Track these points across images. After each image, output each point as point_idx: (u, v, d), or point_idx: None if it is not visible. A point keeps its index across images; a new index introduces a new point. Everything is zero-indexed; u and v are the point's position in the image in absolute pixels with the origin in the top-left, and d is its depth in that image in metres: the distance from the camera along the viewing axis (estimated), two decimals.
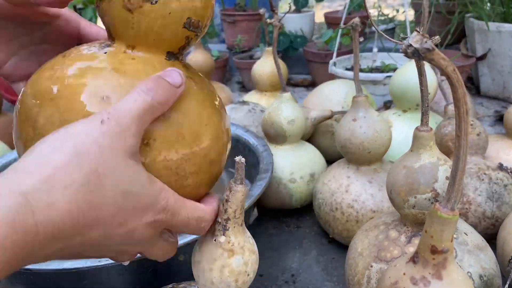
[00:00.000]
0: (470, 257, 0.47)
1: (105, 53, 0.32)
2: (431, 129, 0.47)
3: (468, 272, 0.46)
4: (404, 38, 0.26)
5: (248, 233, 0.35)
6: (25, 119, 0.31)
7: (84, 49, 0.32)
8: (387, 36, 0.39)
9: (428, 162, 0.46)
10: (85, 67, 0.31)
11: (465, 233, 0.49)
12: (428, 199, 0.46)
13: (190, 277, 0.52)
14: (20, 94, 0.33)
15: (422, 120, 0.48)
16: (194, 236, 0.52)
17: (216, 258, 0.33)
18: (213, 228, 0.34)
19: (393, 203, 0.50)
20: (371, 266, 0.49)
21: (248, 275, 0.34)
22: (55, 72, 0.31)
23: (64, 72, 0.30)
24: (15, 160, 0.76)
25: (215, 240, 0.33)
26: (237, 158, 0.33)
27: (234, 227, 0.33)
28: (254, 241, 0.36)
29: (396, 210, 0.51)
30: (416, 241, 0.48)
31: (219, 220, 0.34)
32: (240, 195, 0.33)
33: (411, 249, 0.47)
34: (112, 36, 0.33)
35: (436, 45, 0.28)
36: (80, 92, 0.29)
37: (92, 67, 0.30)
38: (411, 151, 0.48)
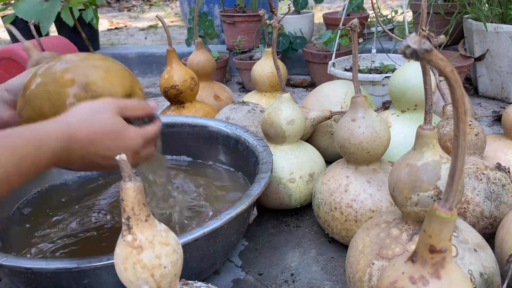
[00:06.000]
0: (471, 255, 0.47)
1: None
2: (434, 127, 0.47)
3: (469, 270, 0.46)
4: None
5: (161, 226, 0.35)
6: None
7: None
8: (394, 35, 0.39)
9: (431, 160, 0.46)
10: None
11: (465, 231, 0.50)
12: (431, 197, 0.46)
13: (190, 276, 0.52)
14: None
15: (425, 119, 0.48)
16: (194, 236, 0.52)
17: (127, 257, 0.34)
18: (122, 229, 0.34)
19: (395, 201, 0.50)
20: (373, 264, 0.50)
21: (164, 267, 0.34)
22: None
23: None
24: None
25: (124, 241, 0.34)
26: (117, 157, 0.33)
27: (138, 224, 0.34)
28: (170, 233, 0.35)
29: (398, 208, 0.51)
30: (417, 239, 0.48)
31: (123, 220, 0.34)
32: (131, 191, 0.33)
33: (413, 247, 0.47)
34: None
35: (435, 46, 0.29)
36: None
37: None
38: (414, 149, 0.48)
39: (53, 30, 1.96)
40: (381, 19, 1.80)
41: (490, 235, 0.63)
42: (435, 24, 1.40)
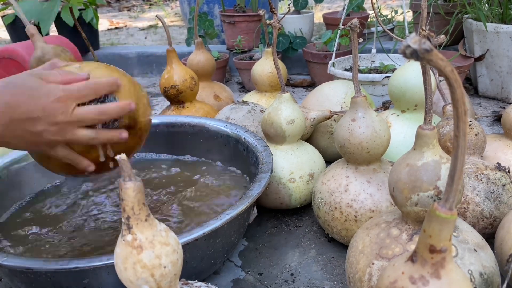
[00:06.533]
0: (471, 255, 0.47)
1: None
2: (434, 127, 0.47)
3: (469, 270, 0.46)
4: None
5: (161, 226, 0.35)
6: None
7: None
8: (394, 35, 0.39)
9: (431, 160, 0.46)
10: None
11: (465, 231, 0.50)
12: (431, 197, 0.46)
13: (190, 276, 0.52)
14: None
15: (425, 119, 0.48)
16: (194, 236, 0.52)
17: (127, 256, 0.34)
18: (122, 228, 0.35)
19: (395, 201, 0.50)
20: (373, 264, 0.50)
21: (164, 267, 0.34)
22: None
23: None
24: (16, 159, 0.76)
25: (124, 240, 0.34)
26: (118, 157, 0.33)
27: (138, 223, 0.34)
28: (170, 233, 0.36)
29: (398, 208, 0.51)
30: (417, 239, 0.48)
31: (123, 220, 0.34)
32: (131, 191, 0.33)
33: (413, 247, 0.47)
34: None
35: (435, 46, 0.29)
36: None
37: None
38: (414, 149, 0.48)
39: (53, 29, 1.96)
40: (381, 19, 1.80)
41: (490, 235, 0.63)
42: (435, 24, 1.40)
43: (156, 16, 1.03)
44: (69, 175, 0.59)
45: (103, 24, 2.94)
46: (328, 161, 0.89)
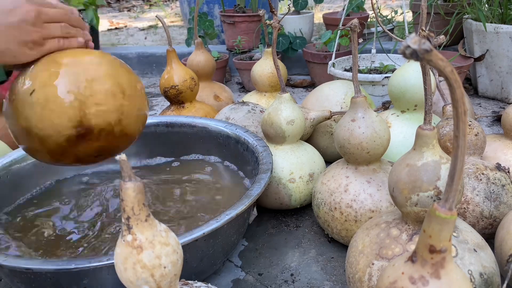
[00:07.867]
0: (471, 255, 0.47)
1: None
2: (434, 127, 0.47)
3: (468, 270, 0.46)
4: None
5: (161, 226, 0.35)
6: None
7: None
8: (394, 36, 0.39)
9: (431, 160, 0.46)
10: None
11: (465, 231, 0.50)
12: (431, 197, 0.46)
13: (190, 276, 0.52)
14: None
15: (425, 119, 0.48)
16: (194, 236, 0.52)
17: (127, 257, 0.34)
18: (122, 229, 0.35)
19: (395, 201, 0.50)
20: (373, 264, 0.50)
21: (164, 267, 0.34)
22: None
23: None
24: (16, 160, 0.76)
25: (124, 241, 0.34)
26: (118, 157, 0.33)
27: (138, 224, 0.34)
28: (170, 233, 0.36)
29: (398, 208, 0.51)
30: (417, 239, 0.48)
31: (123, 220, 0.34)
32: (131, 191, 0.33)
33: (413, 247, 0.47)
34: None
35: (435, 46, 0.29)
36: None
37: None
38: (414, 150, 0.48)
39: None
40: (381, 19, 1.80)
41: (489, 235, 0.63)
42: (435, 25, 1.41)
43: (156, 16, 1.03)
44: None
45: (103, 24, 2.94)
46: (328, 161, 0.89)
